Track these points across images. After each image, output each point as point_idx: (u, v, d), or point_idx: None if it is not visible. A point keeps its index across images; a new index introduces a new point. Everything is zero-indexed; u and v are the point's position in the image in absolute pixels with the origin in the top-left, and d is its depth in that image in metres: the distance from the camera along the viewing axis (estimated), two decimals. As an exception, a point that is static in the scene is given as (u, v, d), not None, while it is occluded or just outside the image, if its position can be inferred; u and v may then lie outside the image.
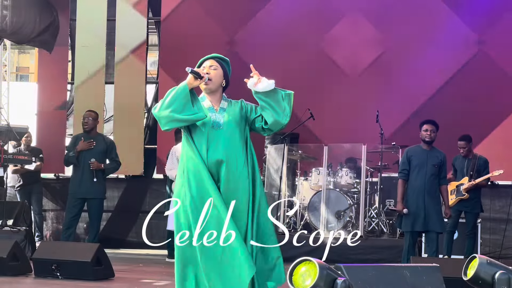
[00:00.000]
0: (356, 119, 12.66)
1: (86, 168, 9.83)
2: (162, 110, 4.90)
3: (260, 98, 5.04)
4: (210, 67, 5.08)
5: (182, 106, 4.88)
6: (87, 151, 9.86)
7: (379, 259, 10.44)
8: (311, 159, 12.11)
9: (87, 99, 13.45)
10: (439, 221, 8.74)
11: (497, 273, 5.19)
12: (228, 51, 12.62)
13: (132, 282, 8.34)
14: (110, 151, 10.09)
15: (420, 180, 8.79)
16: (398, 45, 12.81)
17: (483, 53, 12.49)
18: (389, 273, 5.05)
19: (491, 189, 11.63)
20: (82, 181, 9.88)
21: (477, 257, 5.37)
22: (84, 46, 13.84)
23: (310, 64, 13.07)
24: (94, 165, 9.81)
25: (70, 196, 9.98)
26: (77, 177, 9.95)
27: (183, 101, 4.89)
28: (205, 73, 5.03)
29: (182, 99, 4.89)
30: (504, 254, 11.26)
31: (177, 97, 4.90)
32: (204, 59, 5.16)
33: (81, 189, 9.88)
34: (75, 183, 9.95)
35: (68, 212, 10.02)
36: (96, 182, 9.85)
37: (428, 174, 8.77)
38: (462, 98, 12.42)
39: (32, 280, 8.36)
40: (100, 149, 9.97)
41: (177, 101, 4.89)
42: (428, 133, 8.83)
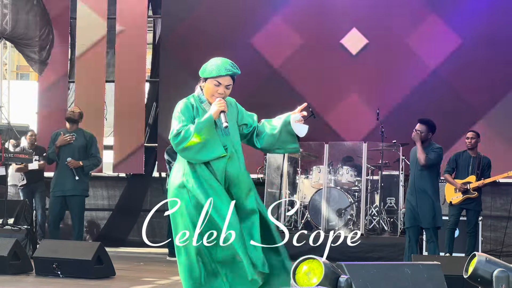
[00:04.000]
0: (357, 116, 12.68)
1: (66, 166, 9.74)
2: (189, 148, 4.82)
3: (285, 132, 5.13)
4: (226, 87, 4.95)
5: (210, 140, 4.84)
6: (67, 147, 9.76)
7: (380, 257, 10.45)
8: (312, 157, 12.11)
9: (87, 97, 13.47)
10: (432, 216, 8.80)
11: (495, 271, 5.20)
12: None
13: (133, 281, 8.34)
14: (90, 146, 9.94)
15: (412, 176, 9.01)
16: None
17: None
18: (390, 271, 5.05)
19: (492, 187, 11.62)
20: (62, 178, 9.78)
21: (476, 255, 5.38)
22: (83, 44, 13.85)
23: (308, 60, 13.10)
24: (72, 164, 9.70)
25: (51, 194, 9.92)
26: (57, 174, 9.87)
27: (211, 136, 4.84)
28: (221, 95, 4.94)
29: (210, 133, 4.84)
30: (506, 251, 11.26)
31: (205, 134, 4.82)
32: (222, 74, 4.92)
33: (61, 187, 9.79)
34: (55, 181, 9.87)
35: (50, 211, 9.98)
36: (78, 180, 9.78)
37: (417, 170, 8.88)
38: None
39: (33, 279, 8.36)
40: (80, 144, 9.86)
41: (206, 137, 4.82)
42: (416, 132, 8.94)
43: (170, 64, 13.53)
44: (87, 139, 9.96)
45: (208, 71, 4.96)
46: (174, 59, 13.49)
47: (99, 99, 13.75)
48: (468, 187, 9.88)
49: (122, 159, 13.52)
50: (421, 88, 12.67)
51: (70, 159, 9.71)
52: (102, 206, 13.72)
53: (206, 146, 4.81)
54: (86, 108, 11.67)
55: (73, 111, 10.09)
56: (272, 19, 13.31)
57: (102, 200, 13.77)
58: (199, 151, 4.82)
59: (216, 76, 4.92)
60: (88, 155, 9.89)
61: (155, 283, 8.35)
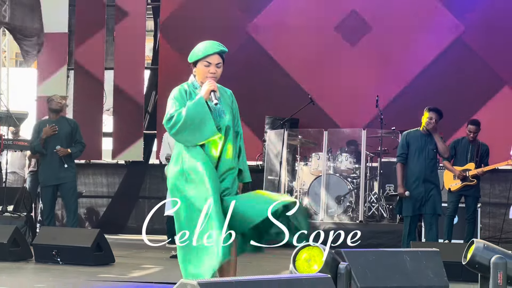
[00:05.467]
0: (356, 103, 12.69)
1: (55, 155, 9.69)
2: (181, 131, 4.84)
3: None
4: (216, 65, 4.96)
5: (202, 120, 4.83)
6: (53, 137, 9.72)
7: (379, 244, 10.47)
8: (311, 144, 12.11)
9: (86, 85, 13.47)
10: (436, 204, 8.78)
11: (493, 258, 5.22)
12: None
13: (132, 267, 8.36)
14: (75, 133, 9.90)
15: (420, 164, 8.82)
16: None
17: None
18: (389, 258, 5.06)
19: (491, 173, 11.59)
20: (52, 168, 9.75)
21: (475, 242, 5.40)
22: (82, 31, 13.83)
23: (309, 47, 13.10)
24: (61, 152, 9.67)
25: (42, 184, 9.90)
26: (46, 164, 9.82)
27: (204, 120, 4.83)
28: (213, 75, 4.94)
29: (203, 117, 4.84)
30: (504, 238, 11.28)
31: (197, 117, 4.83)
32: (210, 52, 4.95)
33: (52, 176, 9.74)
34: (44, 171, 9.82)
35: (43, 201, 9.97)
36: (67, 167, 9.78)
37: (428, 158, 8.81)
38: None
39: (32, 266, 8.38)
40: (66, 132, 9.81)
41: (199, 121, 4.83)
42: (431, 121, 8.83)
43: (170, 51, 13.52)
44: (72, 126, 9.94)
45: (196, 54, 5.00)
46: (173, 47, 13.47)
47: (98, 87, 13.73)
48: (467, 174, 9.88)
49: (121, 146, 13.53)
50: (422, 75, 12.66)
51: (60, 147, 9.68)
52: (101, 193, 13.74)
53: (200, 128, 4.83)
54: (85, 95, 11.69)
55: (60, 102, 10.00)
56: (271, 4, 13.30)
57: (101, 188, 13.80)
58: (192, 132, 4.84)
59: (205, 57, 4.96)
60: (74, 142, 9.90)
61: (154, 270, 8.37)
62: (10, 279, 7.29)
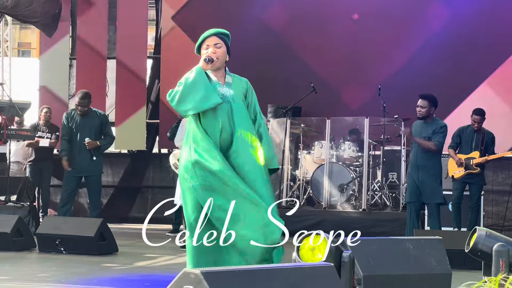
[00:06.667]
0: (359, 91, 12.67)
1: (83, 146, 9.82)
2: (183, 99, 4.90)
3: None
4: (215, 46, 5.03)
5: (202, 88, 4.90)
6: (83, 128, 9.83)
7: (382, 232, 10.47)
8: (314, 132, 12.10)
9: (89, 74, 13.45)
10: (434, 192, 8.80)
11: (495, 245, 5.23)
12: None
13: (136, 257, 8.36)
14: (104, 126, 10.04)
15: (415, 152, 9.00)
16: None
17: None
18: (392, 246, 5.07)
19: (494, 161, 11.59)
20: (80, 158, 9.86)
21: (477, 229, 5.40)
22: (84, 21, 13.80)
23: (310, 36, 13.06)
24: (90, 144, 9.79)
25: (68, 173, 9.97)
26: (75, 155, 9.91)
27: (202, 85, 4.91)
28: (212, 53, 5.01)
29: (201, 82, 4.92)
30: (508, 226, 11.28)
31: (196, 83, 4.91)
32: (206, 35, 5.09)
33: (79, 167, 9.86)
34: (74, 161, 9.90)
35: (65, 189, 10.02)
36: (95, 160, 9.86)
37: (420, 147, 8.89)
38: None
39: (36, 255, 8.40)
40: (96, 124, 9.93)
41: (197, 86, 4.91)
42: (418, 108, 8.91)
43: (172, 40, 13.49)
44: (102, 119, 10.08)
45: (197, 44, 5.14)
46: (176, 35, 13.44)
47: (100, 76, 13.71)
48: (471, 163, 9.88)
49: (124, 136, 13.51)
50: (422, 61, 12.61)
51: (89, 140, 9.79)
52: (105, 183, 13.73)
53: (200, 92, 4.89)
54: (88, 84, 11.64)
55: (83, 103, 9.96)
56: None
57: (105, 177, 13.78)
58: (192, 99, 4.89)
59: (202, 41, 5.09)
60: (103, 134, 9.98)
61: (158, 259, 8.38)
62: (14, 269, 7.31)
